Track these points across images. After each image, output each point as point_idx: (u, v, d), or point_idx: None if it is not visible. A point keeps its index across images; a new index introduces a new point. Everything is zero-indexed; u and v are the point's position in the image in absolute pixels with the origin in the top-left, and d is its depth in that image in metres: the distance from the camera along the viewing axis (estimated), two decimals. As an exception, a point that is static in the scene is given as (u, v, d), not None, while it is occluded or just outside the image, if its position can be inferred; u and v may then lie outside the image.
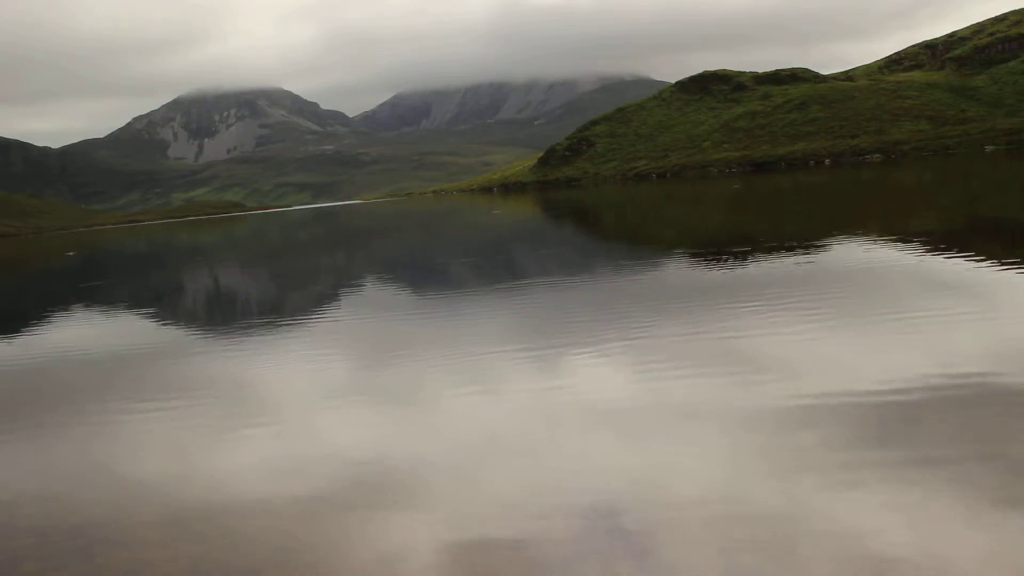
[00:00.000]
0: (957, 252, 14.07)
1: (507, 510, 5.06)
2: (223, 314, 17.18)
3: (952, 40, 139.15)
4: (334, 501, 5.47)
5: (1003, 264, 12.38)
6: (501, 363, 9.04)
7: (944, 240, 16.18)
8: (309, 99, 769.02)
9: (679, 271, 16.03)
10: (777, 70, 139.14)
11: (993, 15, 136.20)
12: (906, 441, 5.53)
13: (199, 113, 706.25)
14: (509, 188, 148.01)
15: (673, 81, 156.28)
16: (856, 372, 7.23)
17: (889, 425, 5.86)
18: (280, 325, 14.04)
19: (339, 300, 16.92)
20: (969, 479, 4.85)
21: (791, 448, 5.61)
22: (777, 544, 4.32)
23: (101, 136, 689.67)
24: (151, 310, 18.80)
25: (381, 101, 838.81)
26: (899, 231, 18.62)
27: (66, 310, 20.10)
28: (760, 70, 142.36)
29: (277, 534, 5.04)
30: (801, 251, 16.21)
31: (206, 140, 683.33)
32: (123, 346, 13.20)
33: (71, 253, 58.27)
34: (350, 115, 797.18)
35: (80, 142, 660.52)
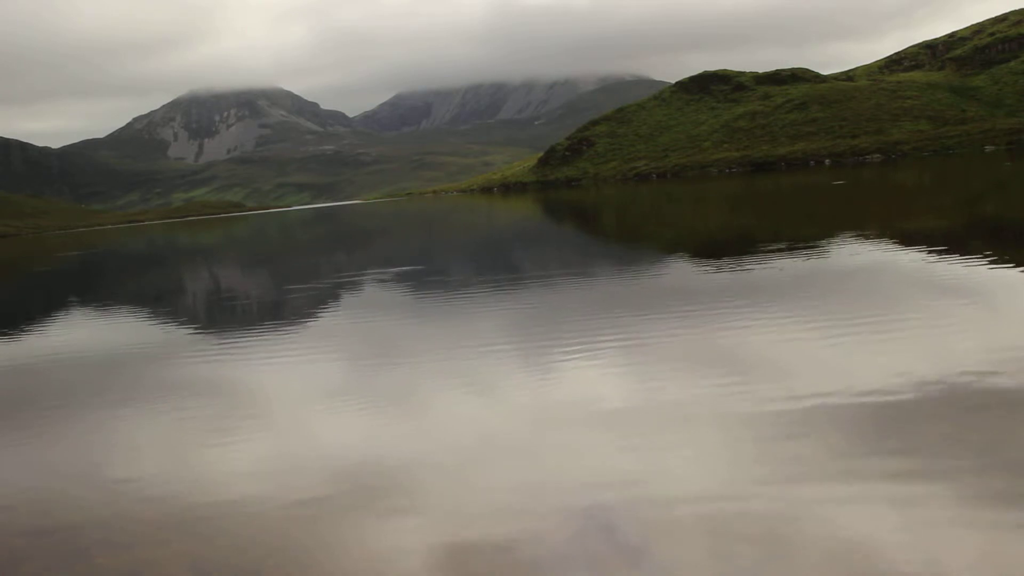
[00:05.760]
0: (956, 253, 14.10)
1: (502, 511, 5.08)
2: (222, 315, 17.20)
3: (952, 40, 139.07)
4: (332, 502, 5.50)
5: (1002, 265, 12.40)
6: (497, 364, 9.07)
7: (943, 241, 16.20)
8: (309, 99, 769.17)
9: (677, 272, 16.06)
10: (777, 70, 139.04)
11: (991, 15, 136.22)
12: (903, 443, 5.55)
13: (199, 113, 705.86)
14: (509, 188, 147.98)
15: (673, 81, 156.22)
16: (853, 374, 7.25)
17: (886, 427, 5.88)
18: (278, 326, 14.07)
19: (336, 301, 16.94)
20: (965, 480, 4.88)
21: (787, 450, 5.63)
22: (772, 546, 4.34)
23: (101, 136, 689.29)
24: (150, 310, 18.82)
25: (381, 101, 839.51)
26: (898, 232, 18.64)
27: (65, 310, 20.12)
28: (760, 70, 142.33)
29: (275, 535, 5.06)
30: (799, 252, 16.23)
31: (206, 140, 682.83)
32: (122, 347, 13.22)
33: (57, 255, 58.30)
34: (350, 115, 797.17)
35: (80, 142, 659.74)
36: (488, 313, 12.82)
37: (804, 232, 21.19)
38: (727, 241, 21.98)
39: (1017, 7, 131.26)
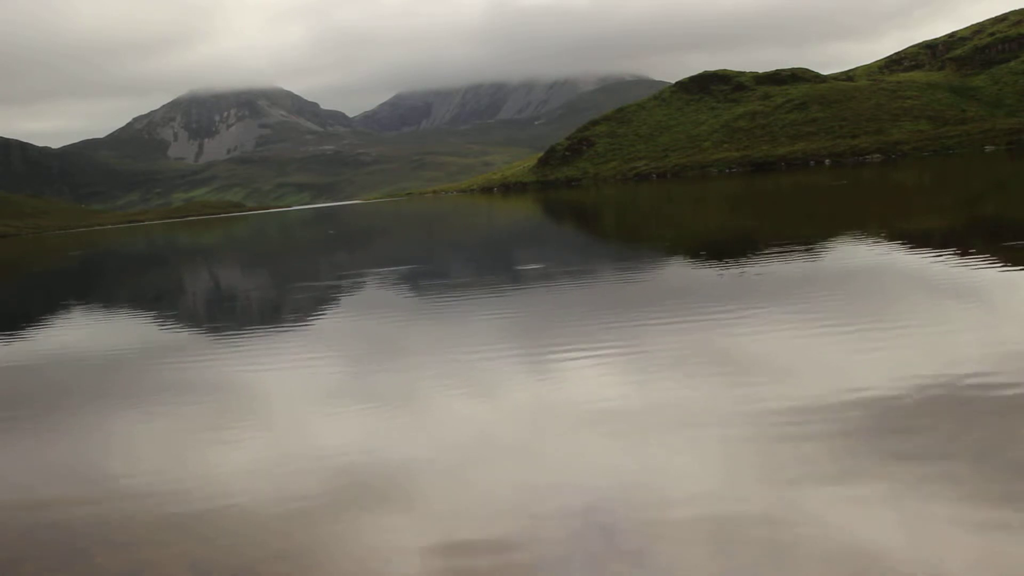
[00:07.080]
0: (956, 253, 14.10)
1: (500, 512, 5.08)
2: (221, 315, 17.20)
3: (952, 40, 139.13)
4: (331, 502, 5.50)
5: (1002, 265, 12.40)
6: (495, 365, 9.06)
7: (943, 241, 16.21)
8: (309, 99, 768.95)
9: (677, 273, 16.06)
10: (777, 70, 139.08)
11: (990, 15, 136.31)
12: (903, 444, 5.55)
13: (199, 113, 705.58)
14: (509, 188, 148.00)
15: (673, 81, 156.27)
16: (853, 374, 7.25)
17: (886, 427, 5.87)
18: (277, 326, 14.07)
19: (336, 301, 16.94)
20: (965, 480, 4.88)
21: (786, 451, 5.63)
22: (772, 546, 4.34)
23: (101, 136, 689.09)
24: (149, 311, 18.82)
25: (381, 101, 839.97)
26: (898, 232, 18.63)
27: (64, 310, 20.12)
28: (760, 70, 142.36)
29: (274, 535, 5.06)
30: (799, 252, 16.23)
31: (206, 140, 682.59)
32: (121, 347, 13.23)
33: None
34: (350, 115, 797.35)
35: (80, 142, 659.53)
36: (488, 313, 12.82)
37: (804, 232, 21.19)
38: (727, 241, 21.98)
39: (1017, 7, 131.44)
